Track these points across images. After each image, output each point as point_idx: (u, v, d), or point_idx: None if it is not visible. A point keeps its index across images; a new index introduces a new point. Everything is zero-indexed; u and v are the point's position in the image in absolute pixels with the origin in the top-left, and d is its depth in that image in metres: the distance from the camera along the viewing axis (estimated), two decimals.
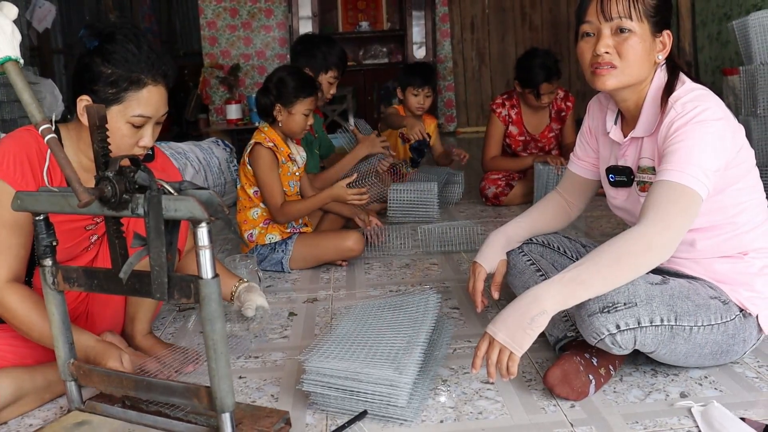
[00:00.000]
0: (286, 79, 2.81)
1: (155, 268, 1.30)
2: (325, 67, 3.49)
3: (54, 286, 1.48)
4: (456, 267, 2.82)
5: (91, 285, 1.44)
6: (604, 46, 1.67)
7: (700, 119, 1.59)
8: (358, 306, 1.97)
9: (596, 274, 1.51)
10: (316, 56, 3.48)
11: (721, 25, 4.87)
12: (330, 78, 3.53)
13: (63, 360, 1.53)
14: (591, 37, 1.70)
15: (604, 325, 1.54)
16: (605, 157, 1.91)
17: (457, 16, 8.09)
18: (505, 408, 1.63)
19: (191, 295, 1.30)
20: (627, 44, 1.66)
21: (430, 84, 4.16)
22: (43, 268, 1.47)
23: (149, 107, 1.69)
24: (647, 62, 1.69)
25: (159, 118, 1.74)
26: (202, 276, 1.28)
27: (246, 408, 1.55)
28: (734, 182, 1.67)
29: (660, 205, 1.53)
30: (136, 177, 1.29)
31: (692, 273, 1.74)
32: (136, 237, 1.33)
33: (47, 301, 1.51)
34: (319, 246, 2.86)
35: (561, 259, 2.01)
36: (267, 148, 2.78)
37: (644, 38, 1.66)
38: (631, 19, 1.64)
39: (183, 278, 1.31)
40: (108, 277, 1.42)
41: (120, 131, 1.68)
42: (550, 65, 3.80)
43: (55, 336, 1.52)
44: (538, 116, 4.05)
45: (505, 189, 3.97)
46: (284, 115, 2.83)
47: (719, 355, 1.68)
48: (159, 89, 1.71)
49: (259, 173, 2.79)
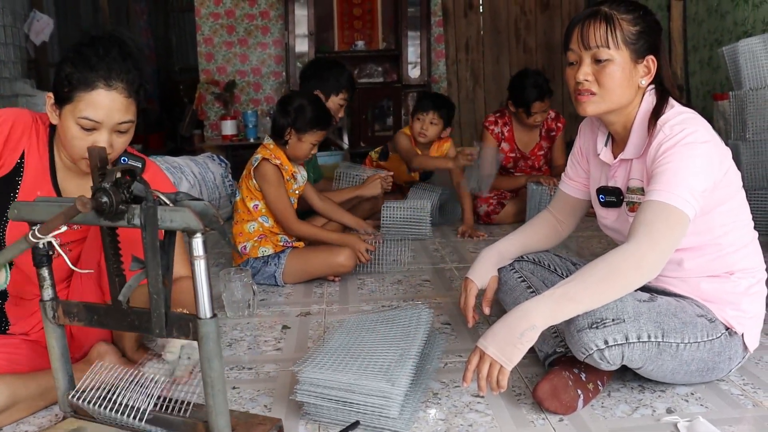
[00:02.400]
0: (306, 107, 2.87)
1: (153, 296, 1.33)
2: (336, 89, 3.57)
3: (54, 320, 1.51)
4: (448, 284, 2.85)
5: (91, 320, 1.47)
6: (583, 74, 1.73)
7: (687, 141, 1.63)
8: (351, 319, 1.99)
9: (585, 290, 1.54)
10: (328, 79, 3.56)
11: (712, 50, 4.94)
12: (340, 100, 3.60)
13: (62, 392, 1.57)
14: (575, 65, 1.76)
15: (592, 340, 1.57)
16: (596, 178, 1.95)
17: (452, 36, 8.15)
18: (494, 421, 1.65)
19: (189, 333, 1.33)
20: (605, 72, 1.71)
21: (436, 110, 3.98)
22: (43, 303, 1.50)
23: (98, 111, 1.63)
24: (628, 88, 1.73)
25: (116, 126, 1.67)
26: (200, 315, 1.31)
27: (240, 415, 1.57)
28: (721, 203, 1.71)
29: (648, 225, 1.57)
30: (132, 188, 1.33)
31: (679, 291, 1.77)
32: (134, 260, 1.36)
33: (47, 335, 1.53)
34: (311, 261, 2.89)
35: (551, 276, 2.05)
36: (273, 165, 2.83)
37: (623, 65, 1.71)
38: (608, 48, 1.69)
39: (181, 317, 1.34)
40: (108, 313, 1.45)
41: (70, 131, 1.66)
42: (542, 84, 3.89)
43: (55, 369, 1.56)
44: (529, 135, 4.13)
45: (497, 207, 4.02)
46: (294, 139, 2.89)
47: (705, 372, 1.72)
48: (112, 95, 1.64)
49: (268, 189, 2.84)
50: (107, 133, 1.67)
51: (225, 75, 8.00)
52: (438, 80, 8.15)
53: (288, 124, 2.87)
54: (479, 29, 8.17)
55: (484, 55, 8.21)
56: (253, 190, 2.89)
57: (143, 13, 9.55)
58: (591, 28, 1.71)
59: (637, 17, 1.71)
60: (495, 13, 8.11)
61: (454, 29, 8.15)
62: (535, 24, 8.22)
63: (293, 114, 2.87)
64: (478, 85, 8.25)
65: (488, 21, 8.14)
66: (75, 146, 1.67)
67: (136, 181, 1.33)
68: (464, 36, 8.18)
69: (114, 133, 1.68)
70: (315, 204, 3.18)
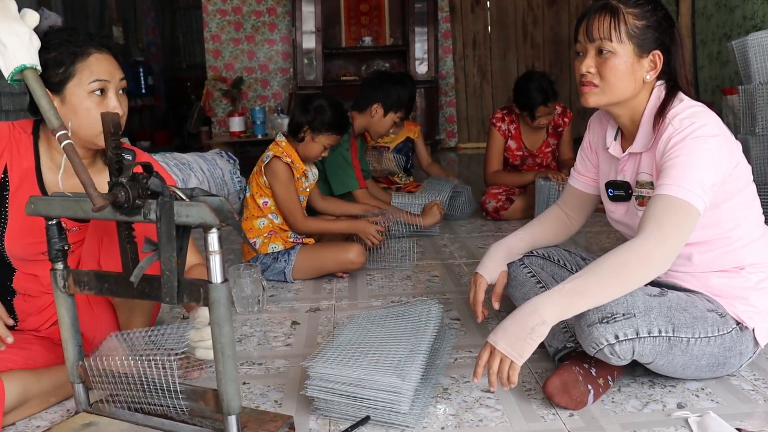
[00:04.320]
0: (326, 109, 2.88)
1: (166, 272, 1.33)
2: (397, 106, 3.58)
3: (65, 289, 1.51)
4: (457, 279, 2.85)
5: (101, 288, 1.48)
6: (585, 66, 1.73)
7: (697, 135, 1.62)
8: (361, 315, 2.00)
9: (595, 285, 1.54)
10: (391, 95, 3.57)
11: (720, 44, 4.92)
12: (397, 117, 3.62)
13: (72, 362, 1.56)
14: (581, 56, 1.76)
15: (603, 335, 1.57)
16: (605, 172, 1.95)
17: (459, 32, 8.15)
18: (505, 416, 1.66)
19: (200, 298, 1.33)
20: (606, 65, 1.71)
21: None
22: (54, 272, 1.50)
23: (102, 70, 1.70)
24: (630, 82, 1.73)
25: (119, 84, 1.74)
26: (212, 280, 1.31)
27: (250, 412, 1.57)
28: (730, 197, 1.70)
29: (658, 219, 1.57)
30: (148, 183, 1.33)
31: (689, 286, 1.77)
32: (147, 242, 1.36)
33: (57, 305, 1.53)
34: (321, 257, 2.89)
35: (561, 271, 2.05)
36: (285, 163, 2.84)
37: (626, 59, 1.70)
38: (611, 41, 1.69)
39: (193, 282, 1.34)
40: (118, 281, 1.45)
41: (83, 103, 1.68)
42: (546, 88, 3.85)
43: (64, 338, 1.55)
44: (536, 132, 4.11)
45: (506, 203, 4.01)
46: (308, 138, 2.90)
47: (716, 367, 1.71)
48: (105, 56, 1.73)
49: (278, 187, 2.85)
50: (115, 94, 1.72)
51: (232, 72, 8.02)
52: (445, 76, 8.14)
53: (305, 122, 2.88)
54: (486, 25, 8.16)
55: (491, 51, 8.20)
56: (263, 187, 2.89)
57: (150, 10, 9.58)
58: (596, 20, 1.71)
59: (645, 11, 1.71)
60: (502, 8, 8.10)
61: (462, 25, 8.14)
62: (542, 19, 8.20)
63: (312, 113, 2.87)
64: (485, 81, 8.25)
65: (495, 16, 8.13)
66: (92, 118, 1.69)
67: (152, 176, 1.33)
68: (471, 31, 8.17)
69: (118, 95, 1.73)
70: (317, 204, 3.19)
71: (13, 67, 1.39)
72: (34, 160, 1.79)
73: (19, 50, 1.40)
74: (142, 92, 7.95)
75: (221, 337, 1.32)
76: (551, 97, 3.87)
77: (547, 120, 3.96)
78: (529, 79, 3.90)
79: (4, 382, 1.61)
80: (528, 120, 3.96)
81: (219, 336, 1.32)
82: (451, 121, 8.25)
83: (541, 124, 3.97)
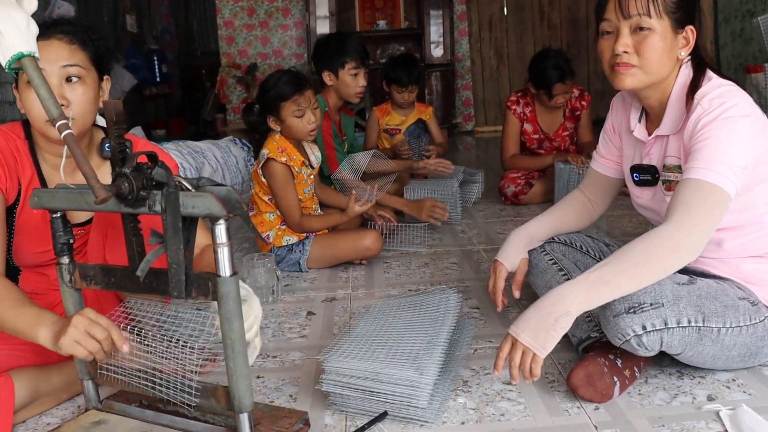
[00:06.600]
0: (264, 87, 2.79)
1: (173, 265, 1.28)
2: (340, 63, 3.34)
3: (71, 284, 1.47)
4: (476, 266, 2.79)
5: (107, 283, 1.43)
6: (623, 46, 1.63)
7: (727, 116, 1.55)
8: (378, 305, 1.95)
9: (622, 274, 1.47)
10: (330, 56, 3.36)
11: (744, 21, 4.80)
12: (350, 71, 3.35)
13: None
14: (610, 35, 1.67)
15: (629, 326, 1.51)
16: (629, 156, 1.87)
17: (475, 14, 8.04)
18: (527, 410, 1.60)
19: (209, 293, 1.28)
20: (646, 43, 1.62)
21: (414, 82, 4.15)
22: (60, 266, 1.46)
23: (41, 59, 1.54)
24: (668, 60, 1.65)
25: (64, 72, 1.63)
26: (220, 273, 1.26)
27: (264, 408, 1.53)
28: (763, 180, 1.63)
29: (687, 204, 1.50)
30: (153, 173, 1.28)
31: (720, 273, 1.70)
32: (153, 234, 1.31)
33: (64, 300, 1.49)
34: (337, 246, 2.84)
35: (584, 258, 1.98)
36: (281, 164, 2.74)
37: (665, 35, 1.62)
38: (650, 17, 1.60)
39: (201, 275, 1.29)
40: (125, 275, 1.40)
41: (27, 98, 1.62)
42: (562, 65, 3.75)
43: None
44: (552, 115, 4.01)
45: (525, 188, 3.93)
46: (279, 124, 2.79)
47: (747, 357, 1.64)
48: (52, 43, 1.62)
49: (276, 189, 2.78)
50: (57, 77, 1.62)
51: (246, 58, 7.98)
52: (461, 59, 8.05)
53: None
54: (502, 6, 8.06)
55: (507, 33, 8.10)
56: (264, 186, 2.83)
57: None
58: None
59: None
60: None
61: (477, 7, 8.04)
62: None
63: (260, 101, 2.82)
64: (502, 64, 8.15)
65: None
66: (33, 109, 1.62)
67: (157, 166, 1.28)
68: (487, 13, 8.07)
69: (66, 84, 1.64)
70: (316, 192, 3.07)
71: (11, 55, 1.33)
72: (35, 167, 1.74)
73: (17, 37, 1.34)
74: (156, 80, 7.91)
75: (231, 332, 1.27)
76: (568, 74, 3.77)
77: (564, 98, 3.85)
78: (545, 57, 3.80)
79: (13, 381, 1.58)
80: (545, 99, 3.86)
81: (229, 332, 1.27)
82: (467, 104, 8.16)
83: (558, 103, 3.86)
